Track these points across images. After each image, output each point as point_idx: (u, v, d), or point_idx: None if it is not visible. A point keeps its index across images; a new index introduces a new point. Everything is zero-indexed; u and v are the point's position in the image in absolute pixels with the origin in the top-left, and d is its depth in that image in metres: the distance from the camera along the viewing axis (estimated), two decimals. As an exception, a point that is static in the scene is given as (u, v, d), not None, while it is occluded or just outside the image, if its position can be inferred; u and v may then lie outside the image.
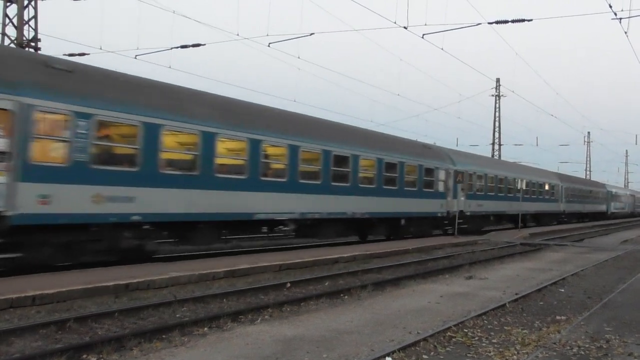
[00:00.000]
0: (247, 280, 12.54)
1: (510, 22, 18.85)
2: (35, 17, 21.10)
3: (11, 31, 20.77)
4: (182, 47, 21.90)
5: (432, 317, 9.43)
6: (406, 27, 18.87)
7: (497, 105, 51.37)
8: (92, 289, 9.80)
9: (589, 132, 79.60)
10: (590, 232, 37.47)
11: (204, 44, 22.36)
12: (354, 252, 17.35)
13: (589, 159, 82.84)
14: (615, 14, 17.66)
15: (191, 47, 21.97)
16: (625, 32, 19.58)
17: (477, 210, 30.34)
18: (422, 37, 19.86)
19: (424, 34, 19.83)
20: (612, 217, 64.26)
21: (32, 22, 21.04)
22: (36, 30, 21.09)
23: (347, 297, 11.14)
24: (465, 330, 8.41)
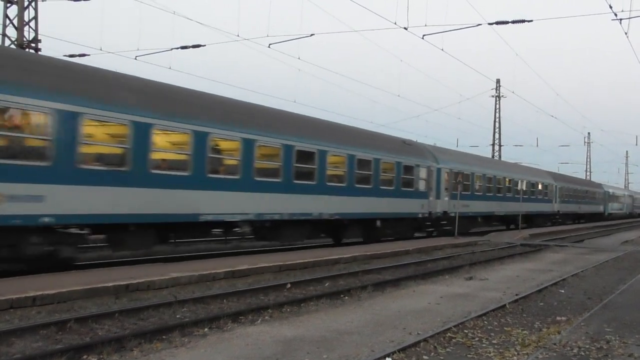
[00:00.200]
0: (247, 280, 12.54)
1: (510, 23, 18.87)
2: (35, 18, 21.11)
3: (12, 32, 20.81)
4: (183, 47, 21.91)
5: (432, 318, 9.44)
6: (406, 28, 18.89)
7: (497, 106, 51.43)
8: (92, 289, 9.81)
9: (589, 133, 79.68)
10: (590, 233, 37.46)
11: (204, 45, 22.38)
12: (354, 253, 17.34)
13: (589, 159, 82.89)
14: (615, 15, 17.70)
15: (191, 48, 21.99)
16: (625, 33, 19.62)
17: (463, 211, 28.56)
18: (422, 38, 19.89)
19: (424, 35, 19.87)
20: (609, 218, 63.29)
21: (32, 23, 21.05)
22: (36, 31, 21.11)
23: (347, 297, 11.14)
24: (465, 331, 8.42)
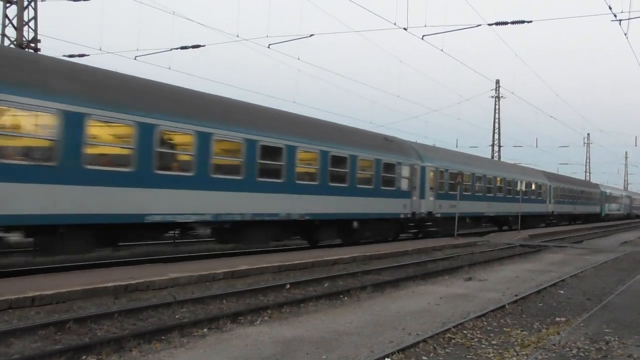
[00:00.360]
0: (246, 281, 12.54)
1: (510, 24, 18.86)
2: (35, 18, 21.10)
3: (11, 32, 20.80)
4: (182, 48, 21.93)
5: (431, 319, 9.44)
6: (406, 29, 18.89)
7: (497, 106, 51.43)
8: (91, 289, 9.80)
9: (588, 134, 79.70)
10: (589, 234, 37.48)
11: (204, 45, 22.38)
12: (354, 254, 17.34)
13: (588, 160, 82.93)
14: (615, 16, 17.69)
15: (191, 48, 22.01)
16: (625, 34, 19.62)
17: (450, 211, 27.08)
18: (422, 39, 19.88)
19: (423, 35, 19.86)
20: (606, 219, 62.17)
21: (32, 23, 21.04)
22: (36, 31, 21.10)
23: (346, 298, 11.14)
24: (464, 331, 8.42)
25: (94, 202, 12.16)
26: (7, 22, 20.85)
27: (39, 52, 20.52)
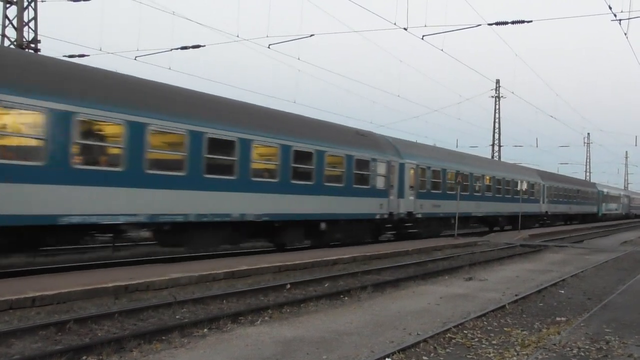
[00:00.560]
0: (247, 281, 12.55)
1: (510, 24, 18.87)
2: (35, 18, 21.10)
3: (11, 32, 20.81)
4: (182, 48, 21.93)
5: (431, 319, 9.44)
6: (406, 29, 18.89)
7: (497, 106, 51.43)
8: (91, 290, 9.80)
9: (588, 134, 79.69)
10: (589, 234, 37.51)
11: (204, 45, 22.39)
12: (354, 254, 17.35)
13: (588, 160, 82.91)
14: (615, 15, 17.68)
15: (191, 49, 22.02)
16: (625, 33, 19.61)
17: (433, 211, 25.70)
18: (422, 39, 19.88)
19: (423, 35, 19.86)
20: (603, 219, 60.66)
21: (32, 24, 21.03)
22: (36, 31, 21.10)
23: (347, 298, 11.15)
24: (465, 331, 8.42)
25: None
26: (7, 22, 20.86)
27: (40, 53, 20.53)
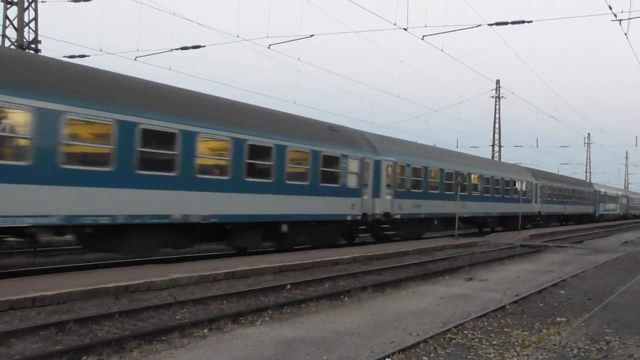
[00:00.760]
0: (247, 281, 12.55)
1: (510, 24, 18.89)
2: (35, 19, 21.13)
3: (11, 33, 20.83)
4: (183, 48, 21.97)
5: (432, 319, 9.44)
6: (406, 29, 18.90)
7: (497, 106, 51.40)
8: (92, 290, 9.81)
9: (589, 134, 79.72)
10: (590, 234, 37.50)
11: (204, 46, 22.45)
12: (354, 254, 17.35)
13: (589, 160, 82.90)
14: (615, 16, 17.70)
15: (191, 49, 22.05)
16: (625, 34, 19.63)
17: (413, 212, 24.12)
18: (422, 39, 19.89)
19: (424, 36, 19.88)
20: (601, 219, 59.50)
21: (32, 24, 21.07)
22: (36, 32, 21.13)
23: (347, 298, 11.14)
24: (465, 331, 8.42)
25: None
26: (7, 23, 20.88)
27: (40, 53, 20.54)
